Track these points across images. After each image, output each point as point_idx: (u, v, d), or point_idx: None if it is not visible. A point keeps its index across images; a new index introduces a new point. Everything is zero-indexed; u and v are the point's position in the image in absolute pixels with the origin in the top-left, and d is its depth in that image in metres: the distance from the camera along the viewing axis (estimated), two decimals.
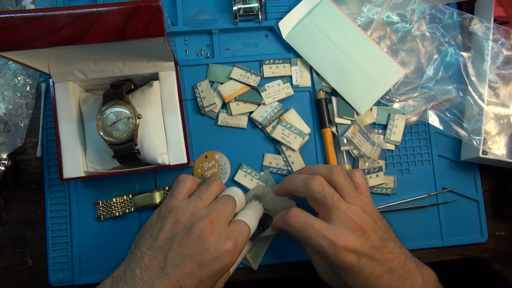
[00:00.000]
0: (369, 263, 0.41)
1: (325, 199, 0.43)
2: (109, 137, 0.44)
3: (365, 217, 0.43)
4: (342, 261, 0.40)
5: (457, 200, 0.57)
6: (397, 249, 0.43)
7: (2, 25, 0.33)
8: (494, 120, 0.55)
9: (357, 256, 0.41)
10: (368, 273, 0.41)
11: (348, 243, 0.41)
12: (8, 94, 0.52)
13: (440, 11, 0.57)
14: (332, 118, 0.56)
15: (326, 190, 0.44)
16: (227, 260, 0.40)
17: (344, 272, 0.41)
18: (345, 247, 0.40)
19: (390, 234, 0.45)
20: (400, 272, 0.42)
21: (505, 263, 0.58)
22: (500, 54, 0.55)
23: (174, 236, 0.41)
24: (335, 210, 0.43)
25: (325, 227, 0.42)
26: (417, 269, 0.44)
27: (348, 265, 0.41)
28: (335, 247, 0.40)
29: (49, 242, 0.52)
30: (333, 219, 0.42)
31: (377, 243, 0.42)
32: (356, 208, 0.43)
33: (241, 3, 0.55)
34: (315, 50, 0.56)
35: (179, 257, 0.39)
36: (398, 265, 0.42)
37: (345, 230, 0.42)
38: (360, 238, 0.41)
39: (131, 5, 0.34)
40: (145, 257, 0.40)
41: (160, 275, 0.38)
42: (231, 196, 0.45)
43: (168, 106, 0.48)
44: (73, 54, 0.45)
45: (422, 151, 0.57)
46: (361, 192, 0.46)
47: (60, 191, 0.53)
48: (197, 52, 0.57)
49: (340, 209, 0.43)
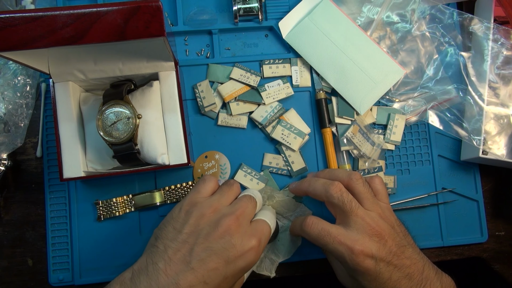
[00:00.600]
0: (386, 268, 0.42)
1: (343, 205, 0.44)
2: (109, 137, 0.44)
3: (382, 223, 0.44)
4: (359, 266, 0.41)
5: (457, 200, 0.57)
6: (415, 255, 0.44)
7: (2, 25, 0.33)
8: (494, 120, 0.55)
9: (374, 261, 0.41)
10: (385, 278, 0.42)
11: (365, 248, 0.41)
12: (8, 94, 0.52)
13: (440, 11, 0.57)
14: (332, 118, 0.56)
15: (345, 196, 0.44)
16: (251, 258, 0.40)
17: (362, 276, 0.42)
18: (362, 252, 0.41)
19: (408, 240, 0.45)
20: (418, 278, 0.43)
21: (505, 263, 0.58)
22: (500, 54, 0.55)
23: (200, 230, 0.40)
24: (352, 216, 0.43)
25: (342, 233, 0.43)
26: (435, 276, 0.44)
27: (365, 270, 0.41)
28: (352, 252, 0.41)
29: (49, 242, 0.52)
30: (350, 225, 0.43)
31: (394, 249, 0.43)
32: (374, 214, 0.44)
33: (241, 3, 0.55)
34: (315, 50, 0.56)
35: (205, 251, 0.38)
36: (416, 271, 0.43)
37: (362, 236, 0.42)
38: (377, 244, 0.42)
39: (131, 5, 0.34)
40: (169, 250, 0.39)
41: (186, 269, 0.37)
42: (252, 196, 0.45)
43: (168, 106, 0.48)
44: (73, 54, 0.45)
45: (422, 151, 0.57)
46: (380, 198, 0.47)
47: (60, 191, 0.53)
48: (197, 52, 0.57)
49: (357, 215, 0.43)
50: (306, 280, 0.71)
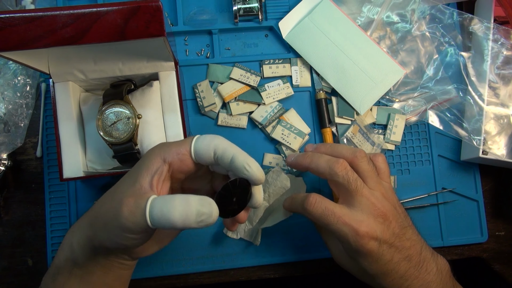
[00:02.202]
0: (388, 250, 0.41)
1: (349, 184, 0.42)
2: (109, 137, 0.44)
3: (386, 204, 0.42)
4: (363, 247, 0.40)
5: (457, 200, 0.57)
6: (414, 236, 0.43)
7: (2, 25, 0.33)
8: (494, 120, 0.55)
9: (378, 243, 0.40)
10: (387, 260, 0.41)
11: (370, 230, 0.40)
12: (8, 94, 0.52)
13: (440, 11, 0.57)
14: (332, 118, 0.56)
15: (350, 175, 0.42)
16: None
17: (364, 258, 0.41)
18: (367, 234, 0.40)
19: (408, 221, 0.44)
20: (417, 259, 0.42)
21: (505, 263, 0.58)
22: (500, 54, 0.55)
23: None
24: (357, 196, 0.42)
25: (346, 213, 0.41)
26: (431, 257, 0.44)
27: (368, 252, 0.40)
28: (357, 233, 0.40)
29: (49, 242, 0.52)
30: (355, 205, 0.42)
31: (397, 230, 0.42)
32: (378, 194, 0.43)
33: (241, 3, 0.55)
34: (315, 50, 0.56)
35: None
36: (415, 253, 0.42)
37: (367, 216, 0.41)
38: (382, 225, 0.41)
39: (131, 5, 0.34)
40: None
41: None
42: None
43: (168, 106, 0.48)
44: (73, 54, 0.45)
45: (422, 151, 0.57)
46: (382, 177, 0.46)
47: (60, 191, 0.53)
48: (197, 52, 0.57)
49: (362, 195, 0.42)
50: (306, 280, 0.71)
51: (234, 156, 0.34)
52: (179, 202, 0.31)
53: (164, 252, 0.53)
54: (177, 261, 0.53)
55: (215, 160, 0.35)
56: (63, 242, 0.38)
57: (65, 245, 0.37)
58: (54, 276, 0.37)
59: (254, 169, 0.34)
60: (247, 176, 0.34)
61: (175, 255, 0.53)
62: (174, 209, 0.31)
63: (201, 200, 0.32)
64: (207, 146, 0.35)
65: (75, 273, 0.37)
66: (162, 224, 0.31)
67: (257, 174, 0.35)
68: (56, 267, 0.37)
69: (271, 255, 0.54)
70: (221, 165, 0.36)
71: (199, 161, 0.36)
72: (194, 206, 0.31)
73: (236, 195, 0.35)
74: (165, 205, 0.31)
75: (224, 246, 0.54)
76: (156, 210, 0.31)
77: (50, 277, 0.38)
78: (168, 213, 0.31)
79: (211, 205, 0.32)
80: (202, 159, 0.35)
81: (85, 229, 0.36)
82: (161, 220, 0.31)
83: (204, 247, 0.54)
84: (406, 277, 0.42)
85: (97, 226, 0.35)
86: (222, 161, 0.35)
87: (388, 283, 0.42)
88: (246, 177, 0.35)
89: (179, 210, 0.31)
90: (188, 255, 0.53)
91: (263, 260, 0.54)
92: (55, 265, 0.38)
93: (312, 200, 0.42)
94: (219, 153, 0.35)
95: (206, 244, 0.54)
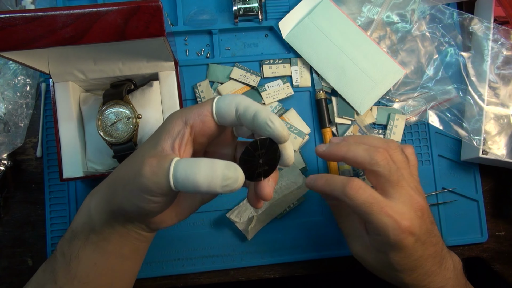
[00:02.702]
0: (421, 247, 0.40)
1: (390, 174, 0.40)
2: (109, 137, 0.44)
3: (422, 197, 0.41)
4: (401, 242, 0.39)
5: (457, 200, 0.57)
6: (438, 233, 0.43)
7: (2, 25, 0.33)
8: (494, 120, 0.55)
9: (414, 239, 0.39)
10: (418, 255, 0.40)
11: (411, 225, 0.39)
12: (8, 94, 0.52)
13: (440, 11, 0.57)
14: (332, 118, 0.56)
15: (391, 165, 0.41)
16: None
17: (396, 252, 0.40)
18: (409, 228, 0.39)
19: (432, 217, 0.43)
20: (440, 256, 0.42)
21: (505, 263, 0.58)
22: (500, 54, 0.55)
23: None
24: (398, 187, 0.40)
25: (389, 204, 0.39)
26: (449, 254, 0.43)
27: (405, 246, 0.39)
28: (399, 226, 0.38)
29: (49, 242, 0.52)
30: (395, 197, 0.40)
31: (430, 226, 0.41)
32: (414, 186, 0.42)
33: (241, 3, 0.55)
34: (315, 50, 0.56)
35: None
36: (439, 249, 0.42)
37: (408, 210, 0.39)
38: (420, 220, 0.40)
39: (131, 5, 0.34)
40: None
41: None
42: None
43: (168, 106, 0.48)
44: (73, 54, 0.45)
45: (422, 151, 0.57)
46: (411, 170, 0.44)
47: (60, 191, 0.53)
48: (197, 52, 0.57)
49: (403, 187, 0.40)
50: (306, 280, 0.71)
51: (256, 112, 0.31)
52: (204, 165, 0.30)
53: (164, 252, 0.53)
54: (177, 261, 0.53)
55: (238, 119, 0.33)
56: (81, 207, 0.36)
57: (83, 210, 0.36)
58: (71, 241, 0.36)
59: (277, 125, 0.31)
60: (270, 133, 0.31)
61: (175, 255, 0.53)
62: (199, 171, 0.29)
63: (227, 164, 0.30)
64: (228, 104, 0.33)
65: (92, 239, 0.36)
66: (186, 187, 0.30)
67: (280, 131, 0.31)
68: (73, 231, 0.36)
69: (271, 255, 0.54)
70: (244, 124, 0.33)
71: (221, 121, 0.33)
72: (220, 170, 0.30)
73: (263, 156, 0.33)
74: (190, 167, 0.30)
75: (224, 246, 0.54)
76: (180, 172, 0.30)
77: (66, 242, 0.36)
78: (193, 174, 0.29)
79: (237, 170, 0.30)
80: (224, 118, 0.33)
81: (104, 192, 0.35)
82: (185, 182, 0.30)
83: (204, 247, 0.54)
84: (429, 273, 0.41)
85: (117, 187, 0.34)
86: (244, 118, 0.32)
87: (413, 279, 0.41)
88: (269, 134, 0.32)
89: (204, 173, 0.29)
90: (188, 255, 0.53)
91: (263, 260, 0.54)
92: (72, 229, 0.36)
93: (356, 185, 0.39)
94: (241, 110, 0.32)
95: (206, 244, 0.54)
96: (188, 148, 0.33)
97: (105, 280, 0.37)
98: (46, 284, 0.36)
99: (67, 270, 0.36)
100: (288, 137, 0.33)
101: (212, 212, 0.54)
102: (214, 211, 0.54)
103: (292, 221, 0.54)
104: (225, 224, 0.54)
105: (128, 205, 0.33)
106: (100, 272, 0.37)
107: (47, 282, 0.36)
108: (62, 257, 0.36)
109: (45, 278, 0.37)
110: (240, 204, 0.53)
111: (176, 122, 0.33)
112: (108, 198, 0.35)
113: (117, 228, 0.36)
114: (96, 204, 0.35)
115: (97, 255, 0.36)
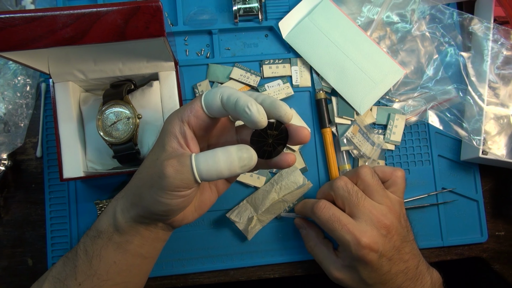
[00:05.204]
0: (387, 262, 0.43)
1: (350, 195, 0.45)
2: (109, 137, 0.44)
3: (391, 217, 0.44)
4: (364, 257, 0.42)
5: (457, 200, 0.57)
6: (414, 251, 0.45)
7: (2, 25, 0.33)
8: (494, 120, 0.55)
9: (378, 255, 0.42)
10: (385, 271, 0.43)
11: (371, 242, 0.42)
12: (8, 94, 0.52)
13: (440, 11, 0.57)
14: (332, 118, 0.56)
15: (349, 186, 0.45)
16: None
17: (363, 267, 0.43)
18: (369, 245, 0.42)
19: (410, 235, 0.46)
20: (413, 273, 0.44)
21: (505, 263, 0.58)
22: (500, 54, 0.55)
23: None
24: (360, 207, 0.44)
25: (351, 222, 0.43)
26: (427, 271, 0.46)
27: (368, 262, 0.42)
28: (359, 243, 0.42)
29: (49, 242, 0.52)
30: (359, 216, 0.44)
31: (398, 244, 0.44)
32: (383, 207, 0.45)
33: (241, 3, 0.55)
34: (315, 50, 0.56)
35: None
36: (413, 266, 0.44)
37: (370, 228, 0.43)
38: (384, 238, 0.43)
39: (131, 5, 0.34)
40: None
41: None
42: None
43: (168, 106, 0.48)
44: (73, 54, 0.45)
45: (422, 151, 0.57)
46: (393, 191, 0.47)
47: (60, 191, 0.53)
48: (197, 52, 0.57)
49: (365, 206, 0.44)
50: (306, 280, 0.71)
51: (237, 99, 0.33)
52: (221, 153, 0.33)
53: (164, 252, 0.53)
54: (177, 261, 0.53)
55: (224, 108, 0.35)
56: (107, 209, 0.39)
57: (109, 212, 0.39)
58: (94, 239, 0.39)
59: (253, 111, 0.32)
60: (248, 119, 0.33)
61: (175, 255, 0.53)
62: (218, 159, 0.33)
63: (239, 147, 0.34)
64: (213, 95, 0.35)
65: (114, 239, 0.38)
66: (210, 176, 0.34)
67: (256, 116, 0.32)
68: (98, 230, 0.39)
69: (271, 255, 0.54)
70: (228, 112, 0.35)
71: (211, 112, 0.36)
72: (234, 154, 0.33)
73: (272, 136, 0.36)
74: (210, 158, 0.34)
75: (224, 246, 0.54)
76: (202, 164, 0.33)
77: (90, 239, 0.39)
78: (215, 164, 0.33)
79: (249, 150, 0.34)
80: (213, 109, 0.35)
81: (130, 197, 0.38)
82: (210, 171, 0.33)
83: (204, 247, 0.54)
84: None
85: (142, 192, 0.36)
86: (228, 107, 0.34)
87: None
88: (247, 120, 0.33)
89: (223, 160, 0.33)
90: (188, 255, 0.53)
91: (263, 260, 0.54)
92: (97, 228, 0.39)
93: (322, 205, 0.45)
94: (224, 99, 0.34)
95: (206, 244, 0.54)
96: (194, 143, 0.37)
97: (123, 278, 0.40)
98: (66, 279, 0.38)
99: (88, 267, 0.38)
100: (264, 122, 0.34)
101: (212, 212, 0.54)
102: (214, 211, 0.54)
103: (292, 221, 0.54)
104: (225, 224, 0.54)
105: (156, 206, 0.35)
106: (119, 270, 0.39)
107: (68, 277, 0.38)
108: (85, 254, 0.39)
109: (65, 273, 0.39)
110: (240, 204, 0.53)
111: (174, 123, 0.36)
112: (134, 202, 0.37)
113: (140, 230, 0.39)
114: (122, 207, 0.38)
115: (118, 254, 0.39)
